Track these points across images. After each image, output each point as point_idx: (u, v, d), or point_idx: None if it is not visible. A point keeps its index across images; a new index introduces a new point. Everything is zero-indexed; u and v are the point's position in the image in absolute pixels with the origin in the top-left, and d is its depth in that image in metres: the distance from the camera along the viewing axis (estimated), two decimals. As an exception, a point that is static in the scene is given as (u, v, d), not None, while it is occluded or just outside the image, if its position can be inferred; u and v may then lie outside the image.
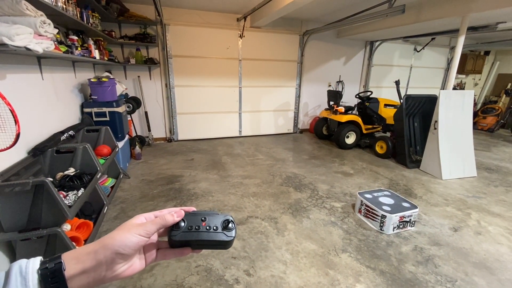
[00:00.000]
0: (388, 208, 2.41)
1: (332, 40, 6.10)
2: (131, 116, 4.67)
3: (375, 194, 2.69)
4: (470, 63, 7.70)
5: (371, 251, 2.16)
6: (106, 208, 2.58)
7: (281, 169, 3.95)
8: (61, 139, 2.55)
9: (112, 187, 3.06)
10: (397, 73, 7.03)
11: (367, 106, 5.20)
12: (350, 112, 5.22)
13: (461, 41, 3.60)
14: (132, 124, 4.77)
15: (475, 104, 8.19)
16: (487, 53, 8.16)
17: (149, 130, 5.06)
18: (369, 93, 5.33)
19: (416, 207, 2.44)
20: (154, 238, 0.48)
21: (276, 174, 3.76)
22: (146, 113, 4.99)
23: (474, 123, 7.41)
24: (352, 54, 6.43)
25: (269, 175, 3.70)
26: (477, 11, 3.38)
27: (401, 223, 2.40)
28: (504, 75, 8.24)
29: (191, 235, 0.46)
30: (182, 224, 0.46)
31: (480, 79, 8.59)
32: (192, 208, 0.50)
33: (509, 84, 7.95)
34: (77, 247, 2.00)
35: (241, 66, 5.47)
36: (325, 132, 5.74)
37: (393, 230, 2.39)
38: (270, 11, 4.15)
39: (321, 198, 3.07)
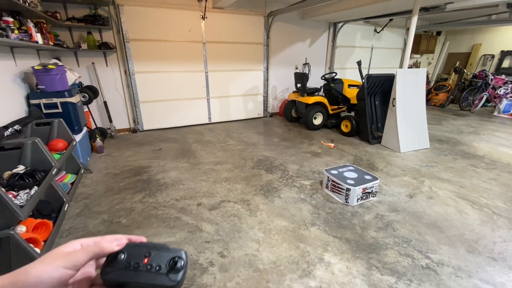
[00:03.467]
0: (352, 182, 2.56)
1: (297, 22, 6.09)
2: (88, 107, 4.33)
3: (340, 170, 2.83)
4: (424, 43, 8.23)
5: (337, 222, 2.31)
6: (66, 205, 2.42)
7: (253, 153, 3.97)
8: (5, 134, 2.30)
9: (72, 183, 2.86)
10: (360, 54, 7.29)
11: (332, 87, 5.36)
12: (316, 93, 5.35)
13: (414, 21, 3.80)
14: (90, 116, 4.43)
15: (428, 82, 8.85)
16: (438, 33, 8.76)
17: (110, 121, 4.75)
18: (333, 74, 5.48)
19: (377, 179, 2.63)
20: (91, 270, 0.39)
21: (247, 158, 3.78)
22: (105, 103, 4.65)
23: (428, 100, 8.04)
24: (317, 36, 6.50)
25: (241, 160, 3.71)
26: (427, -9, 3.57)
27: (364, 195, 2.57)
28: (453, 54, 8.96)
29: (127, 275, 0.36)
30: (122, 257, 0.37)
31: (433, 59, 9.25)
32: (142, 239, 0.41)
33: (457, 62, 8.67)
34: (36, 248, 1.87)
35: (205, 50, 5.27)
36: (294, 115, 5.85)
37: (357, 202, 2.56)
38: (231, -10, 4.00)
39: (291, 177, 3.16)
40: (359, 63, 4.68)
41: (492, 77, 6.91)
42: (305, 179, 3.13)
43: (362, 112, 4.44)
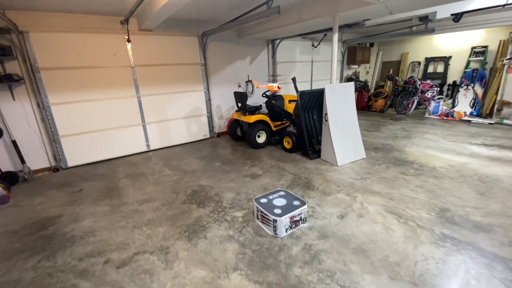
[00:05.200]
0: (279, 211, 2.41)
1: (234, 41, 6.05)
2: (-14, 150, 3.67)
3: (270, 197, 2.67)
4: (360, 54, 8.80)
5: (262, 261, 2.10)
6: None
7: (188, 183, 3.67)
8: None
9: None
10: (301, 68, 7.51)
11: (273, 103, 5.34)
12: (257, 111, 5.27)
13: (335, 38, 3.92)
14: (-8, 160, 3.76)
15: (368, 90, 9.44)
16: (372, 45, 9.47)
17: (23, 162, 4.10)
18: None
19: (304, 204, 2.51)
20: None
21: (180, 190, 3.47)
22: (14, 142, 4.01)
23: (369, 106, 8.54)
24: (257, 53, 6.53)
25: (172, 194, 3.38)
26: (343, 10, 3.71)
27: (292, 223, 2.42)
28: (387, 62, 9.73)
29: None
30: None
31: (370, 68, 9.94)
32: None
33: (391, 70, 9.41)
34: None
35: (135, 74, 4.91)
36: (239, 134, 5.70)
37: (286, 232, 2.40)
38: (151, 13, 3.77)
39: (224, 210, 2.92)
40: (293, 79, 4.71)
41: (419, 82, 7.57)
42: (238, 209, 2.91)
43: (299, 128, 4.43)
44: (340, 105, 4.08)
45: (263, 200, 2.62)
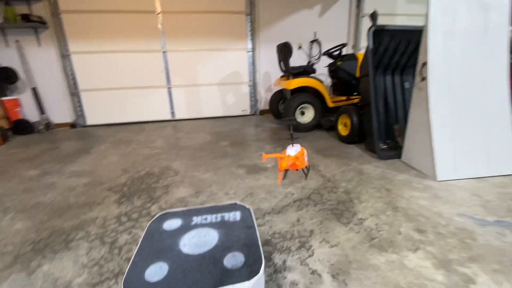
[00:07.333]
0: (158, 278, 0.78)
1: (299, -19, 4.30)
2: (-5, 92, 3.54)
3: (194, 221, 1.05)
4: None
5: None
6: None
7: (157, 162, 2.43)
8: None
9: None
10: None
11: (338, 66, 3.39)
12: (307, 74, 3.44)
13: None
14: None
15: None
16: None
17: (42, 112, 3.91)
18: (341, 46, 3.50)
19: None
20: None
21: (136, 169, 2.26)
22: (33, 89, 3.83)
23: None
24: (332, 1, 4.53)
25: (120, 171, 2.22)
26: None
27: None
28: None
29: None
30: None
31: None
32: None
33: None
34: None
35: (161, 22, 4.00)
36: (282, 110, 4.03)
37: None
38: None
39: (143, 216, 1.51)
40: (373, 15, 2.63)
41: None
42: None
43: (365, 100, 2.40)
44: (465, 48, 1.82)
45: (169, 224, 1.04)
